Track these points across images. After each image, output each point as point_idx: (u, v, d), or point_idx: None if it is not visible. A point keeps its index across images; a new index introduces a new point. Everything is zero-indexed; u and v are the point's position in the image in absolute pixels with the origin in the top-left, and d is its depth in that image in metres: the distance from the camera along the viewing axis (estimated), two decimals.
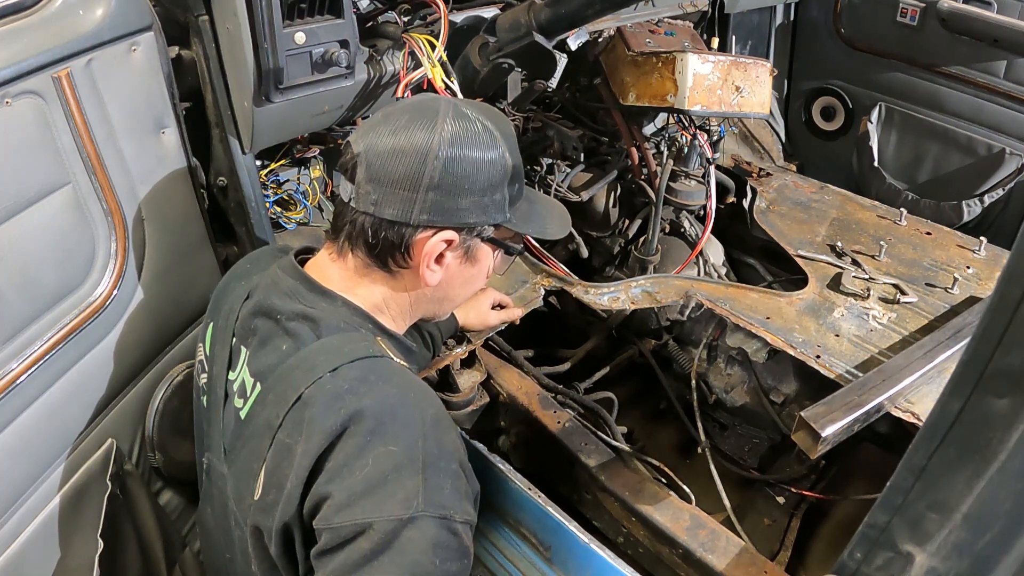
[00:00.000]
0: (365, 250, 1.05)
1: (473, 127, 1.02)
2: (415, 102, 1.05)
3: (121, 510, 1.32)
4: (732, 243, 2.40)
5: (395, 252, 1.04)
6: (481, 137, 1.02)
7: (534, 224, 1.15)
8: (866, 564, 0.96)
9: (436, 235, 1.03)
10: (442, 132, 0.99)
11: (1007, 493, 0.79)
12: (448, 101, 1.04)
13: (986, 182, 2.61)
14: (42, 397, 1.21)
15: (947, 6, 2.48)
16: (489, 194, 1.05)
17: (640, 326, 2.12)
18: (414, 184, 0.99)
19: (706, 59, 1.97)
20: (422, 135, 0.99)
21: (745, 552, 1.47)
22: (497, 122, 1.06)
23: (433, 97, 1.07)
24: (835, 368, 1.64)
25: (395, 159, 0.99)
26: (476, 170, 1.02)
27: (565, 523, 1.42)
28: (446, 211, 1.02)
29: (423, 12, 1.61)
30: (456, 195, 1.01)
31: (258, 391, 1.03)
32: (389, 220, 1.01)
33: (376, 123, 1.03)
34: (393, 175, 0.99)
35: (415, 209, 1.00)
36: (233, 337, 1.10)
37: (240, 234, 1.65)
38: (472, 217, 1.05)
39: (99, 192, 1.25)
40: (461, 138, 1.00)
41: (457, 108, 1.03)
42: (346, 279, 1.08)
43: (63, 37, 1.15)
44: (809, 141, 3.11)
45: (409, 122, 1.01)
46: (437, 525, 0.89)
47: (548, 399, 1.80)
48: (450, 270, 1.09)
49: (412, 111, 1.02)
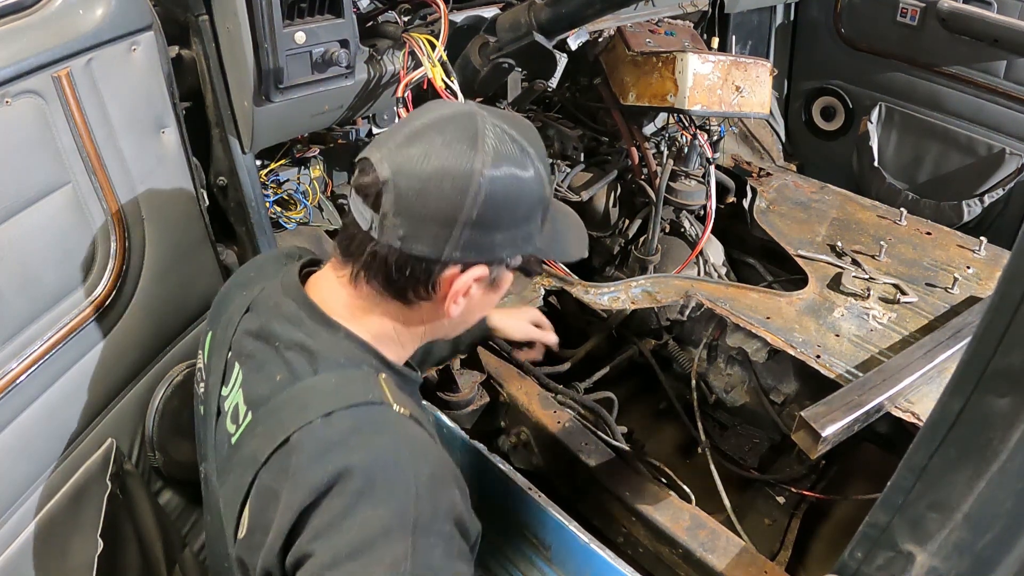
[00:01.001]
0: (382, 281, 0.96)
1: (513, 153, 0.92)
2: (448, 117, 0.92)
3: (121, 510, 1.32)
4: (732, 243, 2.40)
5: (418, 286, 0.95)
6: (521, 163, 0.92)
7: (557, 247, 1.07)
8: (866, 564, 0.96)
9: (467, 271, 0.95)
10: (483, 161, 0.89)
11: (1007, 493, 0.79)
12: (483, 118, 0.92)
13: (986, 182, 2.61)
14: (42, 397, 1.21)
15: (947, 6, 2.48)
16: (524, 225, 0.97)
17: (640, 326, 2.12)
18: (450, 220, 0.89)
19: (706, 59, 1.97)
20: (461, 165, 0.88)
21: (745, 552, 1.47)
22: (531, 139, 0.97)
23: (468, 113, 0.92)
24: (835, 368, 1.64)
25: (430, 192, 0.88)
26: (516, 202, 0.93)
27: (565, 523, 1.43)
28: (480, 247, 0.93)
29: (423, 12, 1.61)
30: (493, 230, 0.93)
31: (249, 420, 0.98)
32: (416, 256, 0.91)
33: (405, 141, 0.91)
34: (427, 210, 0.89)
35: (448, 246, 0.91)
36: (229, 351, 1.05)
37: (240, 234, 1.65)
38: (505, 251, 0.97)
39: (99, 192, 1.25)
40: (502, 167, 0.90)
41: (497, 129, 0.92)
42: (355, 307, 1.00)
43: (63, 37, 1.15)
44: (809, 141, 3.11)
45: (445, 146, 0.89)
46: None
47: (548, 399, 1.80)
48: (473, 300, 1.01)
49: (447, 131, 0.90)
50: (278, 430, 0.91)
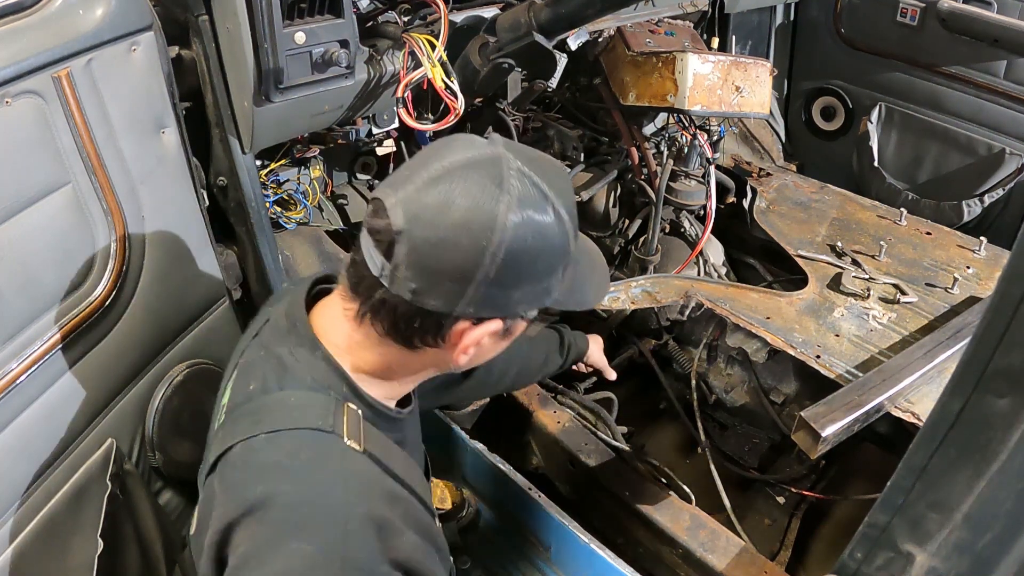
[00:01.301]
0: (388, 327, 0.91)
1: (538, 204, 0.84)
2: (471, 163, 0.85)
3: (121, 510, 1.32)
4: (732, 243, 2.40)
5: (425, 336, 0.90)
6: (546, 218, 0.85)
7: (577, 295, 0.99)
8: (866, 564, 0.96)
9: (480, 326, 0.89)
10: (505, 218, 0.82)
11: (1007, 493, 0.79)
12: (508, 163, 0.85)
13: (986, 182, 2.61)
14: (42, 397, 1.21)
15: (947, 6, 2.48)
16: (544, 280, 0.90)
17: (640, 326, 2.12)
18: (466, 277, 0.83)
19: (706, 59, 1.97)
20: (481, 219, 0.81)
21: (745, 552, 1.47)
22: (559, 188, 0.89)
23: (492, 159, 0.85)
24: (835, 368, 1.64)
25: (447, 246, 0.82)
26: (536, 259, 0.87)
27: (565, 523, 1.43)
28: (496, 304, 0.88)
29: (423, 12, 1.61)
30: (511, 288, 0.87)
31: (220, 422, 0.97)
32: (428, 310, 0.86)
33: (424, 186, 0.84)
34: (442, 265, 0.83)
35: (462, 302, 0.85)
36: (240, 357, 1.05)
37: (240, 234, 1.65)
38: (522, 307, 0.91)
39: (99, 192, 1.25)
40: (526, 225, 0.83)
41: (523, 178, 0.84)
42: (354, 342, 0.95)
43: (63, 37, 1.15)
44: (809, 141, 3.11)
45: (466, 196, 0.82)
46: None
47: (548, 399, 1.80)
48: (483, 348, 0.95)
49: (470, 179, 0.83)
50: (228, 437, 0.90)
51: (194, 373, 1.50)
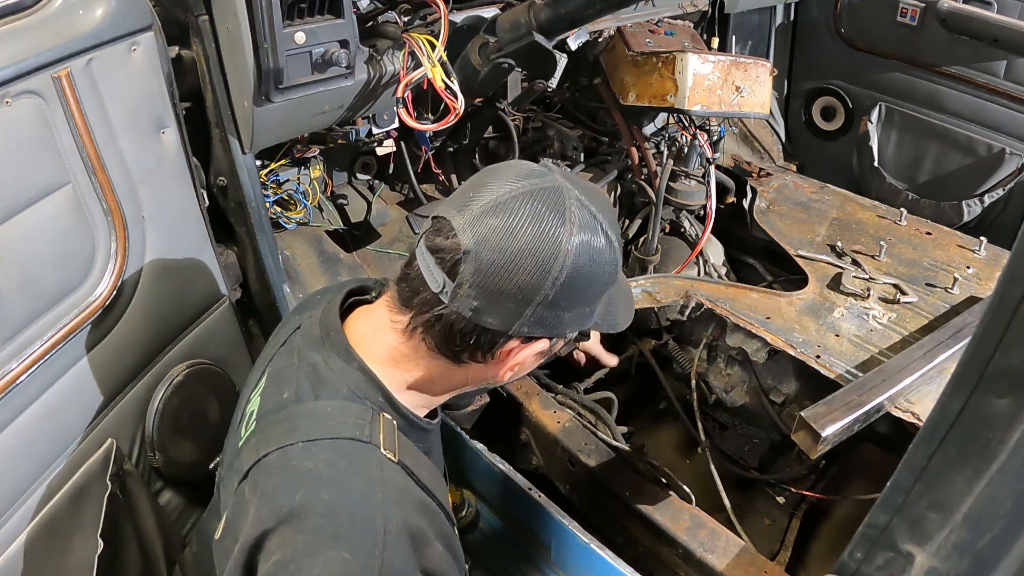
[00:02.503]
0: (439, 341, 0.93)
1: (596, 234, 0.89)
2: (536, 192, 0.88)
3: (121, 510, 1.32)
4: (732, 243, 2.40)
5: (475, 352, 0.94)
6: (601, 246, 0.90)
7: (610, 319, 1.04)
8: (866, 564, 0.96)
9: (528, 346, 0.95)
10: (568, 246, 0.86)
11: (1007, 493, 0.79)
12: (569, 193, 0.89)
13: (986, 182, 2.61)
14: (42, 397, 1.21)
15: (947, 6, 2.48)
16: (592, 303, 0.96)
17: (640, 326, 2.12)
18: (527, 299, 0.88)
19: (706, 59, 1.97)
20: (546, 245, 0.86)
21: (745, 552, 1.47)
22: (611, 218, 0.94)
23: (555, 188, 0.89)
24: (835, 368, 1.64)
25: (512, 269, 0.86)
26: (590, 285, 0.92)
27: (565, 523, 1.43)
28: (548, 324, 0.92)
29: (423, 12, 1.61)
30: (564, 310, 0.91)
31: (252, 430, 0.98)
32: (485, 327, 0.90)
33: (490, 210, 0.87)
34: (506, 286, 0.87)
35: (519, 322, 0.90)
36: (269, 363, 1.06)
37: (240, 234, 1.65)
38: (570, 329, 0.96)
39: (99, 192, 1.25)
40: (584, 252, 0.88)
41: (583, 209, 0.89)
42: (398, 354, 0.98)
43: (63, 37, 1.15)
44: (809, 141, 3.11)
45: (532, 223, 0.86)
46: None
47: (548, 399, 1.80)
48: (524, 366, 1.00)
49: (533, 205, 0.87)
50: (263, 445, 0.91)
51: (194, 373, 1.51)
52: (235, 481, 0.94)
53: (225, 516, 0.94)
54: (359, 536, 0.84)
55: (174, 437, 1.47)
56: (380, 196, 2.25)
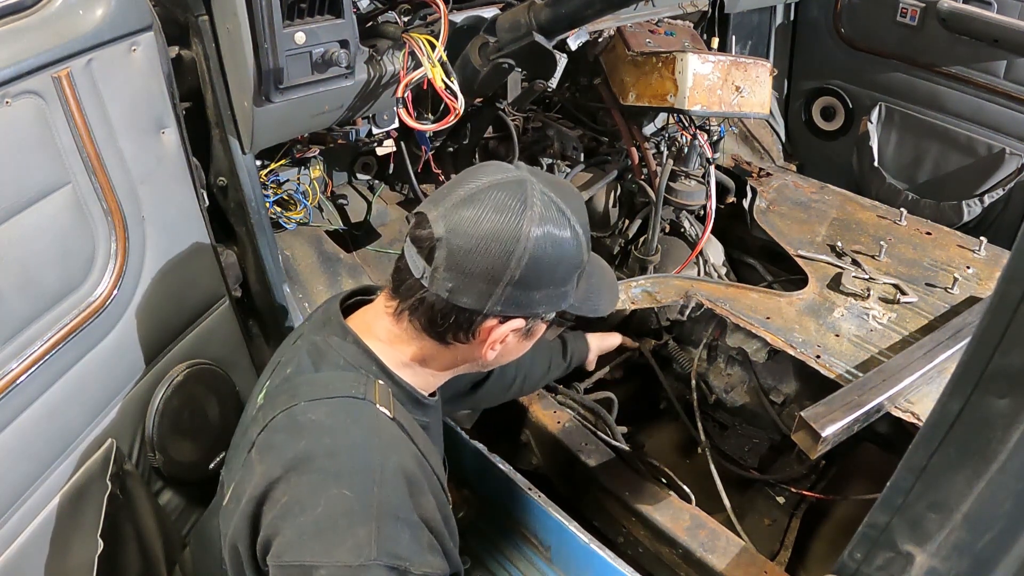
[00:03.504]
0: (425, 323, 1.04)
1: (557, 220, 0.99)
2: (502, 184, 1.00)
3: (121, 510, 1.32)
4: (732, 243, 2.40)
5: (458, 332, 1.04)
6: (563, 231, 1.00)
7: (590, 304, 1.15)
8: (866, 564, 0.96)
9: (505, 324, 1.04)
10: (529, 228, 0.97)
11: (1007, 493, 0.79)
12: (532, 186, 0.99)
13: (986, 182, 2.61)
14: (42, 397, 1.21)
15: (947, 6, 2.48)
16: (561, 286, 1.05)
17: (640, 326, 2.12)
18: (495, 279, 0.98)
19: (706, 59, 1.97)
20: (509, 229, 0.96)
21: (745, 552, 1.47)
22: (576, 207, 1.04)
23: (519, 180, 1.00)
24: (835, 368, 1.64)
25: (479, 251, 0.96)
26: (555, 266, 1.01)
27: (565, 523, 1.43)
28: (520, 304, 1.01)
29: (423, 12, 1.61)
30: (533, 289, 1.01)
31: (258, 406, 1.06)
32: (461, 307, 1.00)
33: (461, 203, 0.99)
34: (474, 267, 0.97)
35: (490, 301, 0.99)
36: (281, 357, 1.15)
37: (240, 234, 1.65)
38: (543, 307, 1.05)
39: (99, 192, 1.25)
40: (547, 235, 0.98)
41: (544, 197, 0.99)
42: (393, 335, 1.08)
43: (63, 37, 1.15)
44: (809, 141, 3.11)
45: (497, 211, 0.97)
46: (390, 575, 0.87)
47: (548, 399, 1.80)
48: (508, 346, 1.09)
49: (500, 196, 0.98)
50: (269, 412, 1.00)
51: (194, 373, 1.51)
52: (242, 457, 1.01)
53: (232, 485, 1.01)
54: (358, 474, 0.92)
55: (174, 437, 1.47)
56: (380, 196, 2.25)
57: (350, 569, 0.86)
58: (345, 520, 0.88)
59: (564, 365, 1.75)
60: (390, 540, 0.89)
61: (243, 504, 0.94)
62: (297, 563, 0.88)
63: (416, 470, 0.97)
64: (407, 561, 0.89)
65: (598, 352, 1.87)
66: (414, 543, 0.91)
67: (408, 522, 0.92)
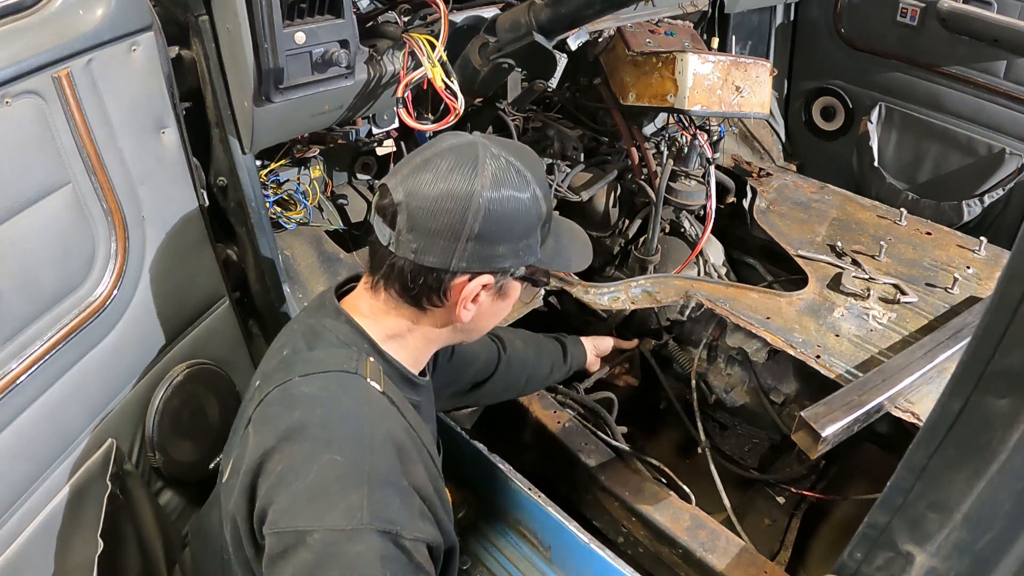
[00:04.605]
0: (399, 289, 1.08)
1: (510, 176, 1.03)
2: (453, 147, 1.05)
3: (121, 510, 1.32)
4: (732, 243, 2.40)
5: (431, 294, 1.07)
6: (518, 186, 1.04)
7: (560, 259, 1.18)
8: (866, 564, 0.96)
9: (473, 280, 1.06)
10: (482, 184, 1.01)
11: (1007, 493, 0.79)
12: (484, 146, 1.04)
13: (986, 182, 2.60)
14: (42, 397, 1.21)
15: (947, 6, 2.48)
16: (524, 239, 1.07)
17: (640, 326, 2.12)
18: (455, 235, 1.01)
19: (706, 59, 1.97)
20: (463, 186, 1.00)
21: (745, 552, 1.47)
22: (531, 164, 1.08)
23: (470, 142, 1.06)
24: (835, 368, 1.64)
25: (437, 210, 1.00)
26: (513, 219, 1.04)
27: (565, 523, 1.43)
28: (484, 258, 1.05)
29: (423, 12, 1.61)
30: (494, 243, 1.04)
31: (255, 388, 1.09)
32: (428, 267, 1.03)
33: (416, 168, 1.04)
34: (435, 225, 1.01)
35: (454, 257, 1.03)
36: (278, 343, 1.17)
37: (240, 234, 1.65)
38: (508, 262, 1.07)
39: (99, 192, 1.25)
40: (500, 189, 1.02)
41: (495, 156, 1.04)
42: (374, 309, 1.12)
43: (63, 37, 1.15)
44: (809, 141, 3.11)
45: (449, 171, 1.01)
46: (382, 539, 0.89)
47: (548, 399, 1.80)
48: (482, 307, 1.12)
49: (452, 158, 1.03)
50: (265, 388, 1.04)
51: (194, 373, 1.51)
52: (239, 434, 1.04)
53: (232, 460, 1.04)
54: (349, 440, 0.95)
55: (174, 437, 1.47)
56: None
57: (343, 533, 0.88)
58: (337, 485, 0.90)
59: (565, 369, 1.77)
60: (381, 505, 0.91)
61: (240, 477, 0.97)
62: (291, 529, 0.89)
63: (405, 439, 1.00)
64: (398, 525, 0.91)
65: (595, 354, 1.89)
66: (404, 509, 0.93)
67: (398, 487, 0.94)
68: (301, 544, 0.88)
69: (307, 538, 0.88)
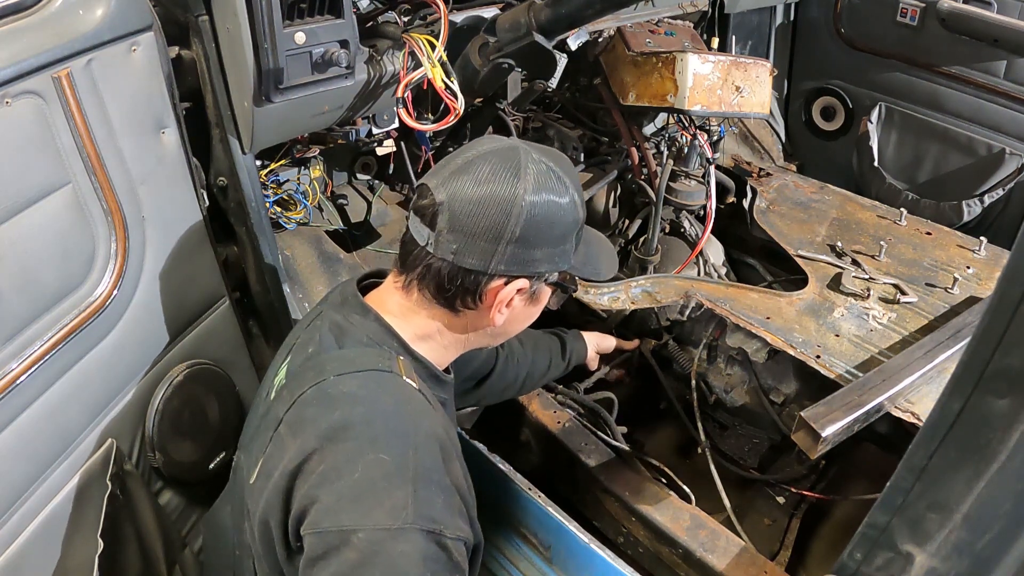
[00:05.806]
0: (434, 290, 1.07)
1: (551, 181, 1.04)
2: (496, 150, 1.06)
3: (121, 510, 1.32)
4: (732, 243, 2.40)
5: (466, 296, 1.07)
6: (558, 191, 1.05)
7: (590, 267, 1.19)
8: (866, 564, 0.96)
9: (510, 284, 1.07)
10: (525, 188, 1.01)
11: (1007, 493, 0.79)
12: (525, 151, 1.06)
13: (986, 182, 2.60)
14: (42, 397, 1.21)
15: (947, 6, 2.48)
16: (561, 244, 1.08)
17: (640, 326, 2.12)
18: (496, 237, 1.02)
19: (706, 59, 1.97)
20: (506, 190, 1.01)
21: (745, 552, 1.47)
22: (568, 170, 1.09)
23: (511, 146, 1.07)
24: (835, 368, 1.64)
25: (479, 212, 1.01)
26: (552, 224, 1.05)
27: (565, 523, 1.43)
28: (522, 262, 1.05)
29: (423, 12, 1.61)
30: (533, 247, 1.05)
31: (280, 386, 1.09)
32: (466, 268, 1.04)
33: (458, 170, 1.04)
34: (476, 227, 1.01)
35: (493, 260, 1.03)
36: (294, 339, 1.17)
37: (240, 234, 1.65)
38: (544, 267, 1.08)
39: (99, 192, 1.25)
40: (541, 193, 1.03)
41: (536, 160, 1.05)
42: (405, 308, 1.11)
43: (63, 37, 1.15)
44: (809, 141, 3.11)
45: (492, 174, 1.02)
46: (426, 538, 0.89)
47: (548, 399, 1.80)
48: (515, 311, 1.12)
49: (495, 160, 1.04)
50: (297, 389, 1.02)
51: (194, 373, 1.51)
52: (268, 435, 1.02)
53: (260, 461, 1.02)
54: (394, 438, 0.94)
55: (174, 437, 1.47)
56: (380, 196, 2.25)
57: (388, 531, 0.87)
58: (384, 483, 0.90)
59: (563, 364, 1.77)
60: (426, 503, 0.90)
61: (275, 478, 0.95)
62: (335, 528, 0.88)
63: (444, 436, 1.00)
64: (441, 524, 0.91)
65: (596, 351, 1.89)
66: (447, 508, 0.93)
67: (441, 485, 0.94)
68: (345, 544, 0.87)
69: (352, 537, 0.87)
